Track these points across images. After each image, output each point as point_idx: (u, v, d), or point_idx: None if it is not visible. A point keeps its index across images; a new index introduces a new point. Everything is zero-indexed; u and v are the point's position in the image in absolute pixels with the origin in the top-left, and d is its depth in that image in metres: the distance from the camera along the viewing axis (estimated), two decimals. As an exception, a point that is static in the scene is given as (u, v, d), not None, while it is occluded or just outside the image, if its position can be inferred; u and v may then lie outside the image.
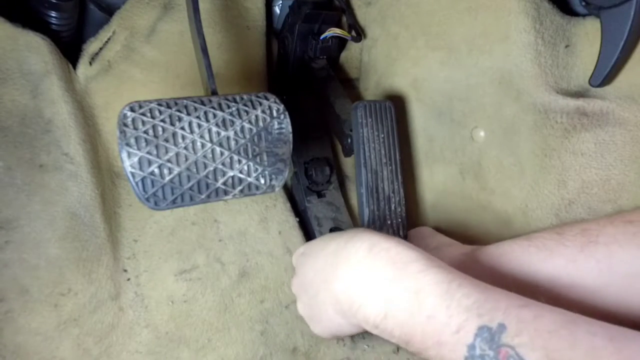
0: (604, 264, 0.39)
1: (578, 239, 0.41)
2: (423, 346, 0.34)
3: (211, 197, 0.41)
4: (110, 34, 0.58)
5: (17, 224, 0.51)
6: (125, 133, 0.37)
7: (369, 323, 0.38)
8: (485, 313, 0.31)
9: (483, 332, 0.30)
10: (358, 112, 0.52)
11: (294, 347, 0.57)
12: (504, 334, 0.30)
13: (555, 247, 0.42)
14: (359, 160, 0.53)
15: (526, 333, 0.29)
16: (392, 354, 0.57)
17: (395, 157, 0.54)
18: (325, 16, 0.64)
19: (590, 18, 0.52)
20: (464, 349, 0.31)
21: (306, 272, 0.47)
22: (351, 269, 0.40)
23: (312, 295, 0.46)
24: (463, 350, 0.31)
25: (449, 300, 0.32)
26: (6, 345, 0.48)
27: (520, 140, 0.53)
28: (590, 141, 0.49)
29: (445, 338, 0.32)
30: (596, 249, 0.40)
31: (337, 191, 0.67)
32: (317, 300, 0.45)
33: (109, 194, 0.58)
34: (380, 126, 0.53)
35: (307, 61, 0.66)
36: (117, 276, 0.55)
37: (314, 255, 0.47)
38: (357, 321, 0.40)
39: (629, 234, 0.39)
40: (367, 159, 0.52)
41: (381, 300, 0.36)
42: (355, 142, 0.53)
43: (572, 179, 0.50)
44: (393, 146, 0.54)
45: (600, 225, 0.42)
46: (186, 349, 0.54)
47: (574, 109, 0.49)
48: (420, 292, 0.34)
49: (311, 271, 0.46)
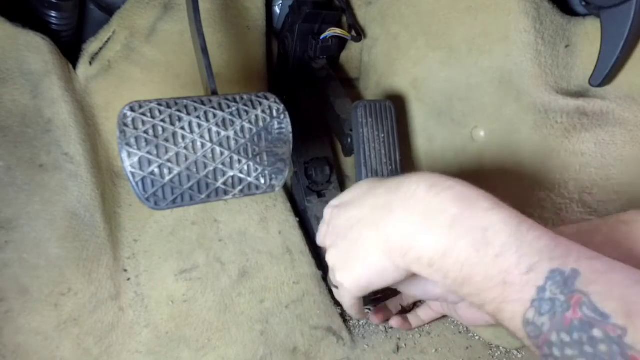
0: None
1: (573, 240, 0.41)
2: (483, 287, 0.32)
3: (211, 197, 0.41)
4: (110, 34, 0.58)
5: (17, 224, 0.51)
6: (126, 133, 0.37)
7: (422, 262, 0.35)
8: (558, 257, 0.29)
9: (555, 275, 0.29)
10: (358, 112, 0.52)
11: (294, 346, 0.57)
12: (578, 280, 0.28)
13: None
14: (359, 160, 0.53)
15: (602, 282, 0.28)
16: (392, 353, 0.57)
17: (395, 157, 0.54)
18: (325, 16, 0.64)
19: (590, 18, 0.52)
20: (533, 290, 0.29)
21: (347, 220, 0.42)
22: (409, 208, 0.37)
23: (352, 240, 0.41)
24: (532, 292, 0.29)
25: (520, 241, 0.31)
26: (6, 345, 0.48)
27: (520, 140, 0.53)
28: (590, 141, 0.49)
29: (513, 278, 0.30)
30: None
31: (337, 191, 0.67)
32: (358, 245, 0.40)
33: (109, 193, 0.58)
34: (380, 126, 0.53)
35: (307, 61, 0.66)
36: (117, 276, 0.55)
37: (357, 204, 0.42)
38: (406, 262, 0.36)
39: (621, 234, 0.39)
40: (367, 158, 0.52)
41: (442, 237, 0.34)
42: (355, 142, 0.53)
43: (572, 178, 0.50)
44: (393, 146, 0.54)
45: (594, 226, 0.41)
46: (186, 348, 0.54)
47: (574, 109, 0.49)
48: (488, 229, 0.32)
49: (354, 218, 0.42)
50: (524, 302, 0.29)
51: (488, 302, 0.32)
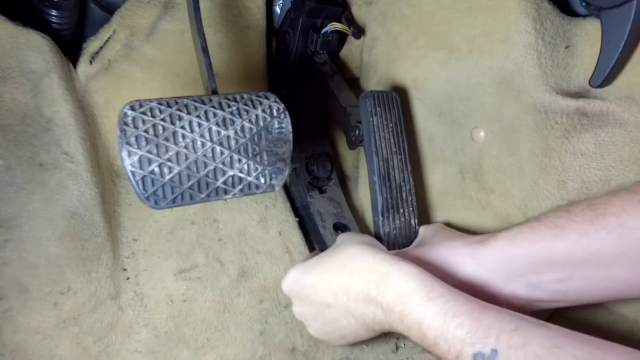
0: (616, 233, 0.41)
1: (587, 213, 0.43)
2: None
3: (211, 196, 0.41)
4: (111, 33, 0.58)
5: (17, 223, 0.51)
6: (126, 132, 0.37)
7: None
8: (479, 341, 0.35)
9: (478, 358, 0.35)
10: (367, 102, 0.53)
11: (293, 347, 0.57)
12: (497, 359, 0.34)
13: (565, 224, 0.44)
14: (370, 149, 0.54)
15: (515, 358, 0.34)
16: (391, 353, 0.57)
17: (404, 146, 0.55)
18: (329, 11, 0.64)
19: (590, 19, 0.52)
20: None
21: (310, 294, 0.49)
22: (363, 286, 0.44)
23: (329, 318, 0.48)
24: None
25: (446, 332, 0.37)
26: (6, 344, 0.48)
27: (520, 141, 0.53)
28: (590, 142, 0.49)
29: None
30: (606, 221, 0.42)
31: (338, 187, 0.67)
32: (333, 320, 0.48)
33: (109, 193, 0.58)
34: (388, 115, 0.54)
35: (310, 56, 0.66)
36: (116, 275, 0.55)
37: (317, 277, 0.49)
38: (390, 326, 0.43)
39: (635, 203, 0.41)
40: (378, 147, 0.53)
41: (400, 323, 0.41)
42: (365, 132, 0.54)
43: (572, 179, 0.50)
44: (401, 135, 0.55)
45: (605, 199, 0.43)
46: (185, 348, 0.54)
47: (575, 110, 0.49)
48: (422, 324, 0.39)
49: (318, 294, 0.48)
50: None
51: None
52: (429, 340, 0.38)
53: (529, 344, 0.34)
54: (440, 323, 0.38)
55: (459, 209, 0.60)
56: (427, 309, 0.39)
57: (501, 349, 0.34)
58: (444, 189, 0.62)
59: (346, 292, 0.45)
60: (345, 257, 0.47)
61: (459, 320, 0.37)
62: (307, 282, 0.49)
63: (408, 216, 0.55)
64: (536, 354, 0.33)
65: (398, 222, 0.55)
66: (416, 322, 0.39)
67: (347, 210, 0.65)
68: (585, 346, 0.34)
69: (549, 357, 0.33)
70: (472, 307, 0.38)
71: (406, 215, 0.55)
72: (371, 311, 0.44)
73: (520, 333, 0.35)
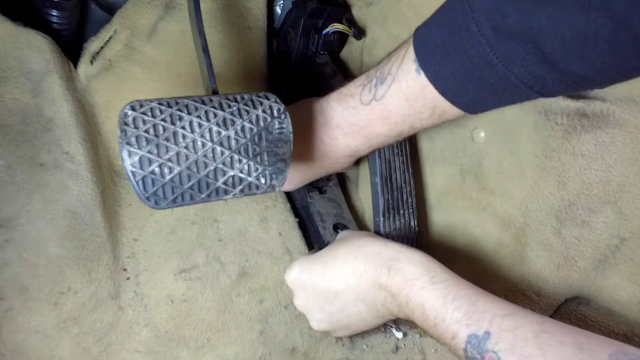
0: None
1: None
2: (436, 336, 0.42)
3: (211, 196, 0.41)
4: (112, 33, 0.58)
5: (17, 223, 0.51)
6: (126, 132, 0.37)
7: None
8: (473, 323, 0.38)
9: (472, 339, 0.38)
10: None
11: (292, 347, 0.57)
12: (489, 341, 0.37)
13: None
14: (372, 151, 0.54)
15: (506, 340, 0.36)
16: (391, 353, 0.57)
17: (405, 148, 0.55)
18: (330, 12, 0.65)
19: (591, 19, 0.52)
20: (460, 352, 0.39)
21: (318, 283, 0.51)
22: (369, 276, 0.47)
23: (336, 307, 0.50)
24: (460, 352, 0.39)
25: (444, 313, 0.40)
26: (5, 344, 0.48)
27: (520, 141, 0.53)
28: (590, 142, 0.49)
29: (447, 342, 0.40)
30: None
31: (337, 188, 0.67)
32: (341, 307, 0.50)
33: (109, 193, 0.58)
34: None
35: (311, 56, 0.66)
36: (116, 275, 0.55)
37: (321, 270, 0.51)
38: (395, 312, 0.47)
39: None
40: (380, 148, 0.53)
41: (405, 305, 0.44)
42: None
43: (572, 180, 0.50)
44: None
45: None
46: (185, 348, 0.54)
47: (574, 110, 0.49)
48: (424, 305, 0.42)
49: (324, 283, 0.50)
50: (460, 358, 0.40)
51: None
52: (429, 321, 0.41)
53: (520, 327, 0.36)
54: (440, 305, 0.41)
55: (459, 209, 0.61)
56: (429, 292, 0.42)
57: (493, 331, 0.37)
58: (444, 189, 0.62)
59: (359, 277, 0.47)
60: (356, 244, 0.49)
61: (457, 303, 0.40)
62: (315, 270, 0.51)
63: (408, 217, 0.55)
64: (525, 337, 0.36)
65: (398, 223, 0.55)
66: (419, 303, 0.42)
67: (347, 210, 0.65)
68: (573, 334, 0.36)
69: (536, 341, 0.35)
70: (470, 292, 0.41)
71: (406, 216, 0.55)
72: (382, 295, 0.46)
73: (513, 318, 0.37)
